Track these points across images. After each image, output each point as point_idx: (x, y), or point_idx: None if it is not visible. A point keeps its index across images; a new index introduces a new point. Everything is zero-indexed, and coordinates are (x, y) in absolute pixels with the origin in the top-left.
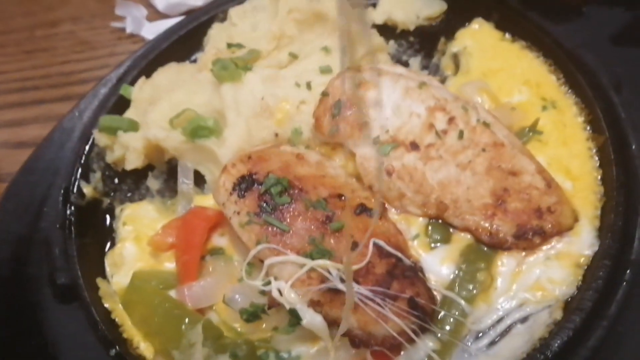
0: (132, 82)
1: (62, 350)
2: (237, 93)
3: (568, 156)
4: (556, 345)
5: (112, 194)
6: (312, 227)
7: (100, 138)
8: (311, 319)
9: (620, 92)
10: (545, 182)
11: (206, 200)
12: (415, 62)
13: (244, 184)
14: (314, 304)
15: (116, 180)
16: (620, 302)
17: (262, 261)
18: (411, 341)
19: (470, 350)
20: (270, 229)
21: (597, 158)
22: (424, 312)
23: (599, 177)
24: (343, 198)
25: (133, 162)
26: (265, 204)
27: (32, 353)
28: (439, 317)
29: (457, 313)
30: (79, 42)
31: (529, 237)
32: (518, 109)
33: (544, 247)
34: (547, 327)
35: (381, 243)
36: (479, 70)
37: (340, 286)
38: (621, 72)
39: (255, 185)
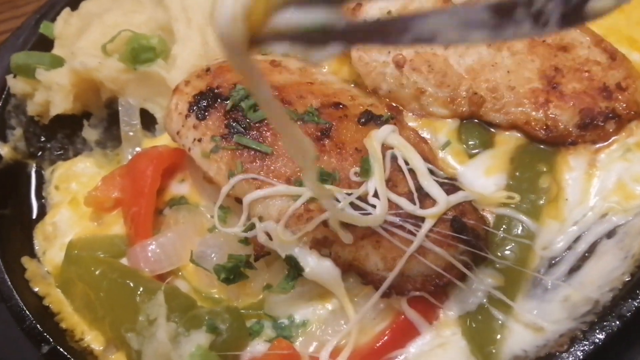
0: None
1: None
2: None
3: (628, 24)
4: None
5: (39, 153)
6: None
7: (16, 84)
8: (316, 265)
9: None
10: (607, 55)
11: (158, 144)
12: None
13: (204, 101)
14: (319, 245)
15: (43, 137)
16: None
17: (239, 201)
18: (462, 278)
19: (546, 282)
20: (245, 153)
21: None
22: (475, 237)
23: None
24: (341, 106)
25: (60, 105)
26: (235, 123)
27: None
28: (494, 243)
29: (519, 233)
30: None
31: (599, 123)
32: None
33: (620, 136)
34: None
35: (400, 154)
36: None
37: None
38: None
39: (219, 101)
